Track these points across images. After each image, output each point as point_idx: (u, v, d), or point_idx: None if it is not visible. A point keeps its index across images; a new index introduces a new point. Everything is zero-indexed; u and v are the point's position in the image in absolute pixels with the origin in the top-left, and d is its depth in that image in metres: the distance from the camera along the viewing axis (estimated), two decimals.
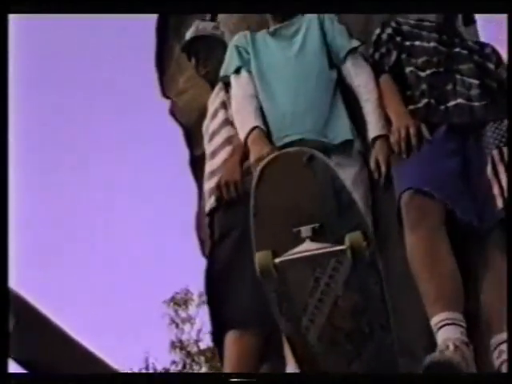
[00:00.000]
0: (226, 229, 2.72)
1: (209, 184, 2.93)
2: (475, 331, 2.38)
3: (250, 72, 2.94)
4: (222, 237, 2.74)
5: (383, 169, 2.68)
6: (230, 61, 2.99)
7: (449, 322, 2.27)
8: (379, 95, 2.84)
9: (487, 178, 2.53)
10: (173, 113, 3.96)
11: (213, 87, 3.15)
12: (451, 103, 2.71)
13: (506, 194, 2.51)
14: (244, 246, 2.12)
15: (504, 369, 2.24)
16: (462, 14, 3.12)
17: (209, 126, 3.10)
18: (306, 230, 1.72)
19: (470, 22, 3.22)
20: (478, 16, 3.30)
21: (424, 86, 2.76)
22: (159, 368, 15.57)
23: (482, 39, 3.27)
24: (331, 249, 1.70)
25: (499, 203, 2.48)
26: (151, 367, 15.51)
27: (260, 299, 2.15)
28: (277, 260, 1.71)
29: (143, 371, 15.45)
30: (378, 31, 2.99)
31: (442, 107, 2.71)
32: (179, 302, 15.09)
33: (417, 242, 2.41)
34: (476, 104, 2.71)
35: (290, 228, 1.72)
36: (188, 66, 3.38)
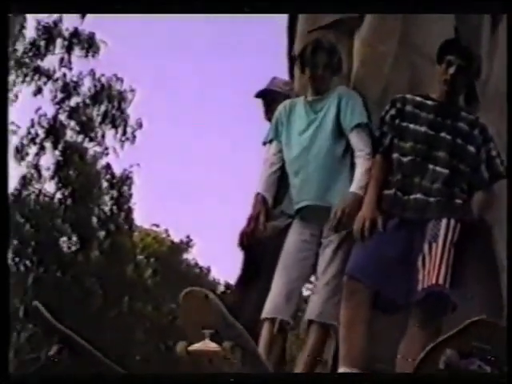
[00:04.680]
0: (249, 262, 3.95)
1: None
2: None
3: (280, 142, 3.86)
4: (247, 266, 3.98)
5: (335, 221, 3.53)
6: (270, 130, 3.91)
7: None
8: (369, 167, 3.60)
9: (417, 266, 3.36)
10: None
11: None
12: (412, 196, 3.47)
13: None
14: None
15: None
16: (465, 93, 3.69)
17: None
18: (207, 333, 2.90)
19: (472, 100, 3.79)
20: None
21: (399, 176, 3.52)
22: None
23: None
24: (215, 349, 2.89)
25: (420, 287, 3.33)
26: None
27: None
28: (189, 348, 2.94)
29: None
30: (387, 108, 3.61)
31: (405, 198, 3.47)
32: None
33: (343, 312, 3.39)
34: (431, 200, 3.43)
35: (200, 330, 2.92)
36: None
